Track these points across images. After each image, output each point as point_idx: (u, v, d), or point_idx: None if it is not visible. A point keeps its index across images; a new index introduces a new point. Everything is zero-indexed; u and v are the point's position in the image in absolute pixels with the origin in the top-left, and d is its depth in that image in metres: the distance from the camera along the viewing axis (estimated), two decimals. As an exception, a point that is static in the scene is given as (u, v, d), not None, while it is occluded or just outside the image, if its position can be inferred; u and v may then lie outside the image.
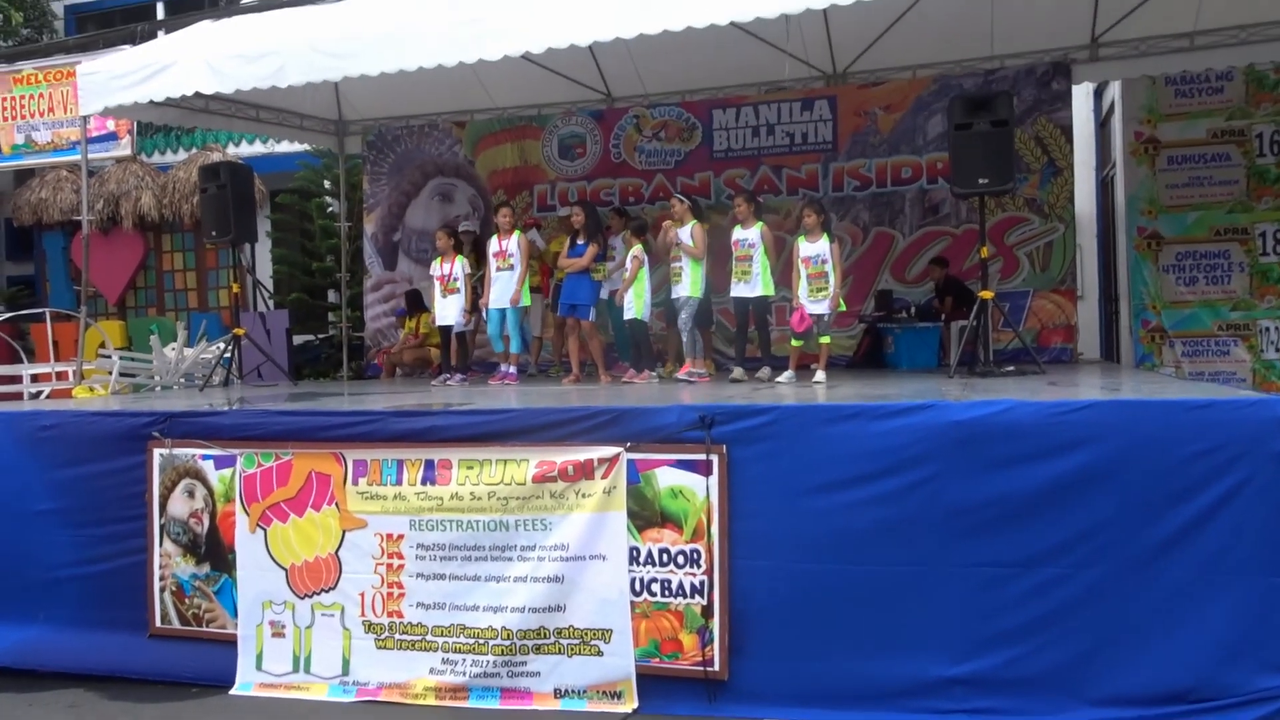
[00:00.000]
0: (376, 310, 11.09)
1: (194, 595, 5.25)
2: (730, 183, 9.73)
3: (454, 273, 8.20)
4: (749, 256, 7.12)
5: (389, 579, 4.90)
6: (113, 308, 14.33)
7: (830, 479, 4.35)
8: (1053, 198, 8.99)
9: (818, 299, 6.85)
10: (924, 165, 9.34)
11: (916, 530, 4.21)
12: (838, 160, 9.57)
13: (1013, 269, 9.02)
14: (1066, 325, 8.97)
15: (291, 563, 5.06)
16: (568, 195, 10.24)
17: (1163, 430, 4.02)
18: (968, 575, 4.16)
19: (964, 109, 6.70)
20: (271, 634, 5.06)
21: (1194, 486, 3.97)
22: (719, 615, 4.45)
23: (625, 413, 4.71)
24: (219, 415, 5.44)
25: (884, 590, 4.26)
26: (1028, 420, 4.15)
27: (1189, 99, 8.73)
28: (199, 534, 5.26)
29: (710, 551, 4.47)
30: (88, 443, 5.45)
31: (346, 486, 4.99)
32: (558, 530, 4.67)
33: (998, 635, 4.12)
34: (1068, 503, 4.07)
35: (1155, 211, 8.76)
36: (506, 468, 4.76)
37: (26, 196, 14.02)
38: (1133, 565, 4.02)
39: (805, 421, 4.45)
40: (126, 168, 13.73)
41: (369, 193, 11.18)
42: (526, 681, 4.66)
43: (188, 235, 14.13)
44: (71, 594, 5.40)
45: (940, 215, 9.32)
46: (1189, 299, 8.65)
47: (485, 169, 10.75)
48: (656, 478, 4.57)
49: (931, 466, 4.21)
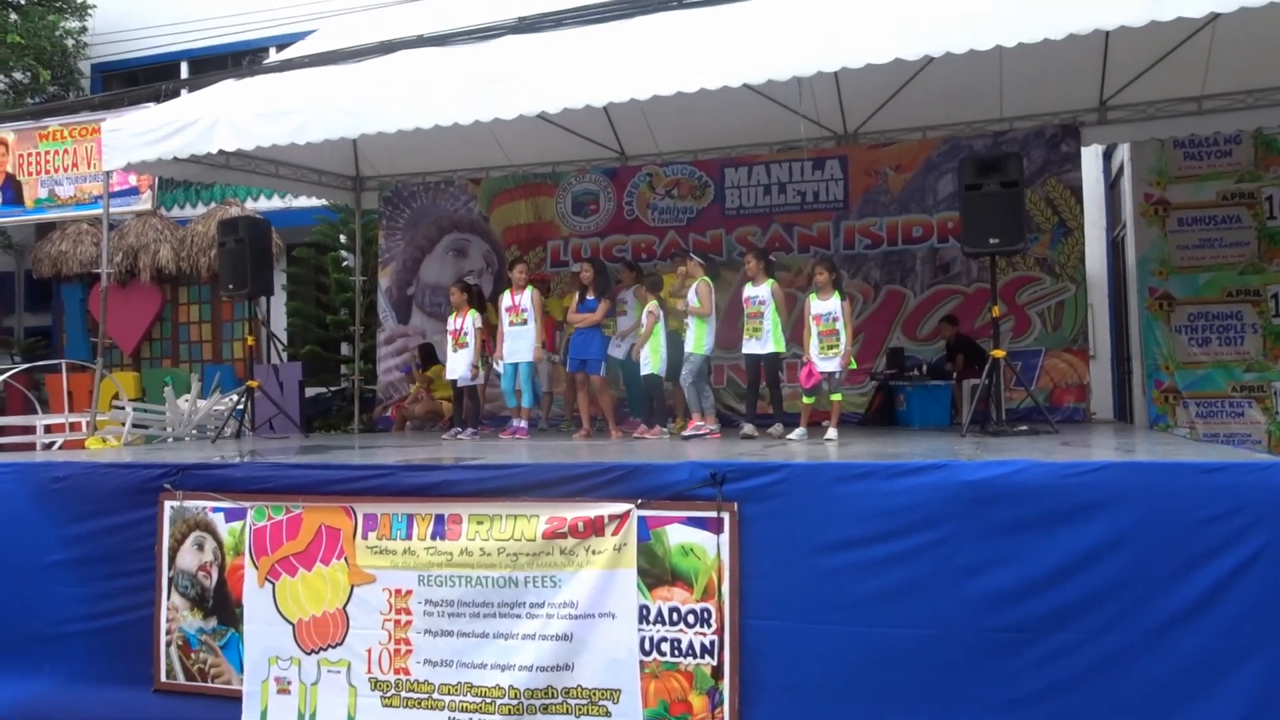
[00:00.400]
0: (389, 363, 11.14)
1: (200, 650, 5.21)
2: (742, 240, 9.80)
3: (464, 327, 8.26)
4: (759, 313, 7.15)
5: (396, 635, 4.86)
6: (128, 359, 14.45)
7: (842, 538, 4.31)
8: (1064, 257, 9.01)
9: (829, 356, 6.86)
10: (934, 224, 9.40)
11: (929, 592, 4.16)
12: (849, 218, 9.64)
13: (1024, 328, 9.02)
14: (1079, 385, 8.93)
15: (299, 618, 5.03)
16: (581, 251, 10.33)
17: (1177, 493, 3.98)
18: (981, 639, 4.10)
19: (974, 170, 6.76)
20: (277, 690, 5.01)
21: (1210, 552, 3.92)
22: (729, 676, 4.39)
23: (636, 469, 4.70)
24: (230, 468, 5.45)
25: (896, 653, 4.20)
26: (1041, 481, 4.12)
27: (1198, 161, 8.79)
28: (207, 587, 5.24)
29: (721, 611, 4.42)
30: (99, 495, 5.47)
31: (356, 541, 4.98)
32: (567, 587, 4.63)
33: (1012, 702, 4.05)
34: (1082, 567, 4.02)
35: (1166, 272, 8.77)
36: (517, 523, 4.74)
37: (47, 249, 14.23)
38: (1148, 633, 3.95)
39: (817, 480, 4.43)
40: (146, 221, 13.95)
41: (384, 247, 11.30)
42: (533, 743, 4.60)
43: (204, 288, 14.29)
44: (78, 647, 5.37)
45: (951, 274, 9.35)
46: (1202, 360, 8.61)
47: (500, 225, 10.87)
48: (667, 535, 4.54)
49: (944, 527, 4.17)
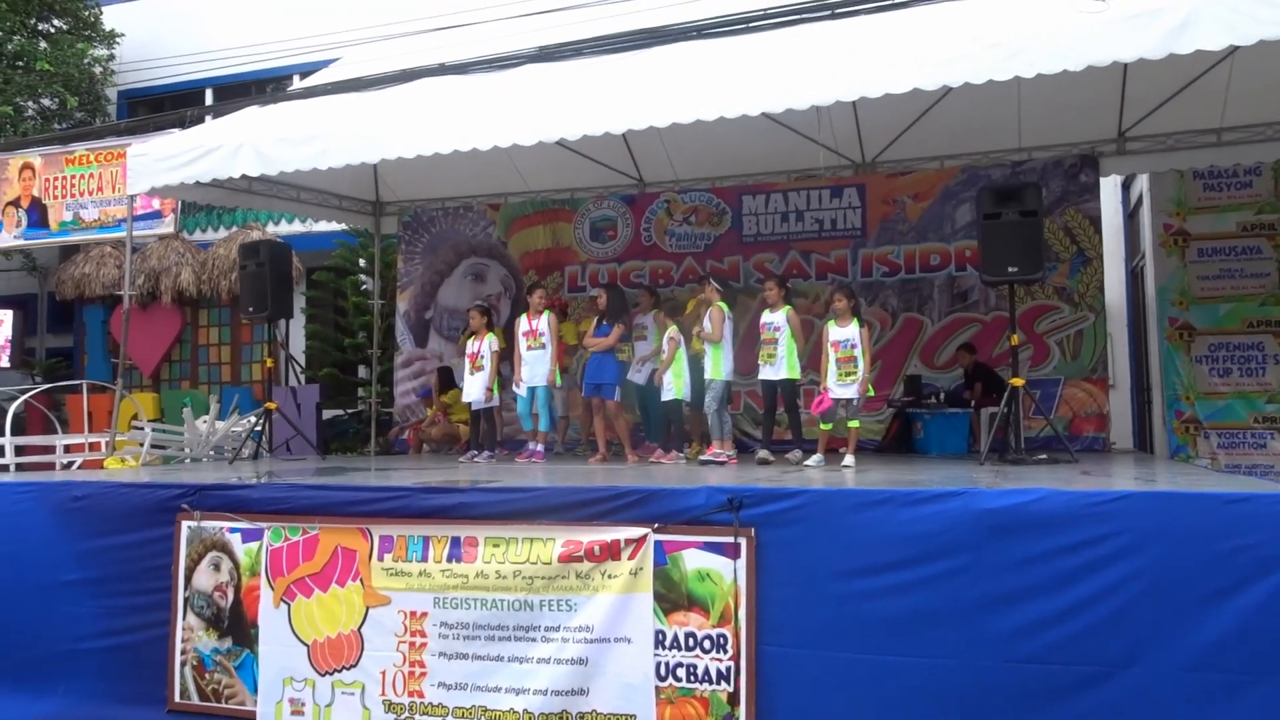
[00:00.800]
0: (406, 386, 11.18)
1: (215, 670, 5.21)
2: (759, 266, 9.82)
3: (481, 350, 8.29)
4: (774, 340, 7.16)
5: (411, 657, 4.85)
6: (147, 380, 14.56)
7: (860, 565, 4.29)
8: (1082, 287, 8.98)
9: (846, 383, 6.85)
10: (952, 253, 9.40)
11: (948, 620, 4.13)
12: (867, 246, 9.65)
13: (1043, 357, 8.98)
14: (1099, 414, 8.87)
15: (314, 639, 5.03)
16: (598, 276, 10.38)
17: (1200, 524, 3.94)
18: (1001, 669, 4.05)
19: (993, 199, 6.77)
20: (291, 711, 5.00)
21: (1234, 584, 3.87)
22: (745, 703, 4.35)
23: (653, 493, 4.69)
24: (247, 489, 5.47)
25: (914, 681, 4.15)
26: (1062, 510, 4.08)
27: (1218, 193, 8.77)
28: (223, 607, 5.24)
29: (737, 636, 4.39)
30: (117, 514, 5.49)
31: (372, 562, 4.98)
32: (583, 611, 4.61)
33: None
34: (1103, 597, 3.98)
35: (1186, 303, 8.73)
36: (533, 546, 4.73)
37: (70, 271, 14.39)
38: (1171, 666, 3.89)
39: (835, 506, 4.41)
40: (168, 244, 14.10)
41: (403, 271, 11.38)
42: (547, 768, 4.56)
43: (224, 310, 14.41)
44: (92, 666, 5.38)
45: (969, 302, 9.33)
46: (1223, 390, 8.54)
47: (518, 250, 10.93)
48: (684, 560, 4.53)
49: (963, 555, 4.14)
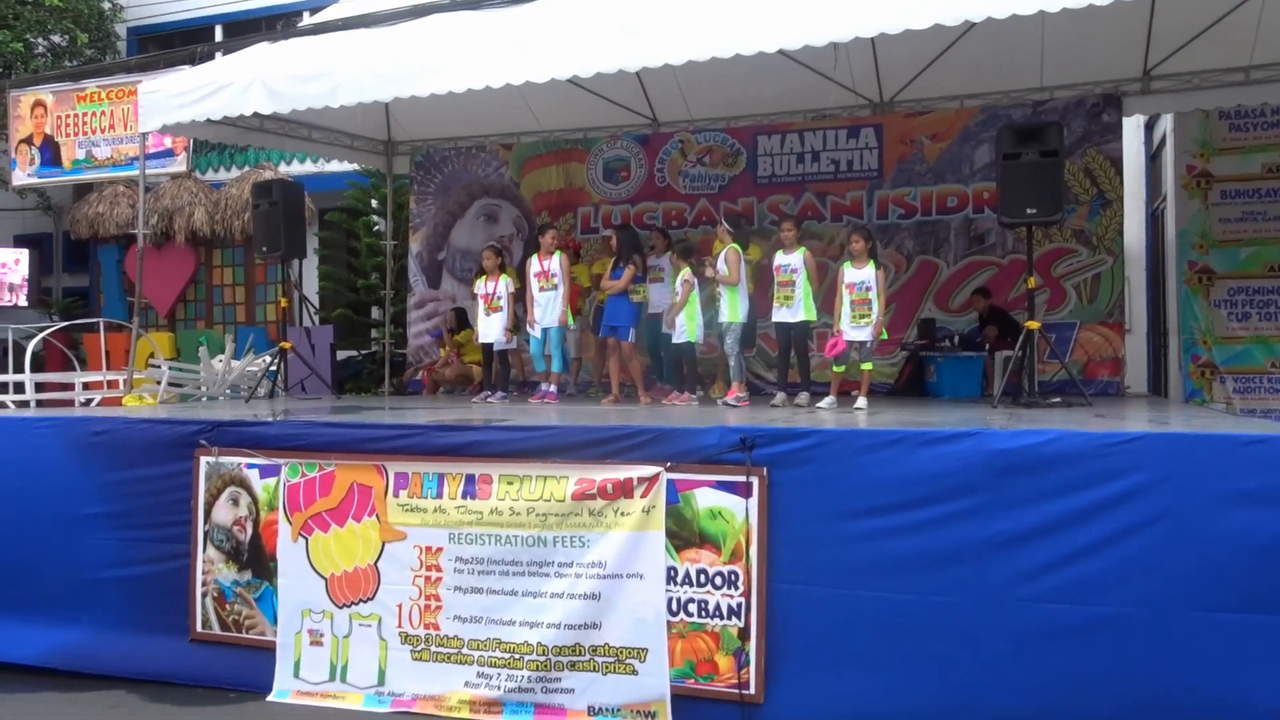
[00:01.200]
0: (419, 327, 11.21)
1: (235, 601, 5.31)
2: (774, 208, 9.73)
3: (497, 291, 8.28)
4: (791, 281, 7.11)
5: (427, 591, 4.93)
6: (163, 319, 14.64)
7: (871, 505, 4.31)
8: (1101, 230, 8.88)
9: (860, 325, 6.82)
10: (970, 194, 9.28)
11: (959, 560, 4.16)
12: (883, 188, 9.54)
13: (1059, 300, 8.91)
14: (1114, 358, 8.83)
15: (331, 572, 5.11)
16: (611, 218, 10.31)
17: (1215, 465, 3.94)
18: (1013, 609, 4.09)
19: (1013, 139, 6.66)
20: (310, 642, 5.11)
21: (1250, 527, 3.88)
22: (755, 638, 4.42)
23: (666, 433, 4.71)
24: (265, 425, 5.52)
25: (925, 620, 4.20)
26: (1075, 451, 4.09)
27: (1243, 133, 8.61)
28: (242, 541, 5.33)
29: (748, 574, 4.44)
30: (136, 449, 5.56)
31: (387, 498, 5.04)
32: (596, 548, 4.67)
33: (1040, 670, 4.04)
34: (1116, 538, 4.00)
35: (1207, 246, 8.62)
36: (546, 484, 4.78)
37: (84, 210, 14.40)
38: (1183, 605, 3.92)
39: (847, 446, 4.42)
40: (181, 184, 14.07)
41: (415, 212, 11.33)
42: (561, 698, 4.66)
43: (238, 250, 14.43)
44: (115, 597, 5.48)
45: (986, 245, 9.24)
46: (1241, 335, 8.48)
47: (530, 191, 10.86)
48: (696, 498, 4.56)
49: (975, 496, 4.16)
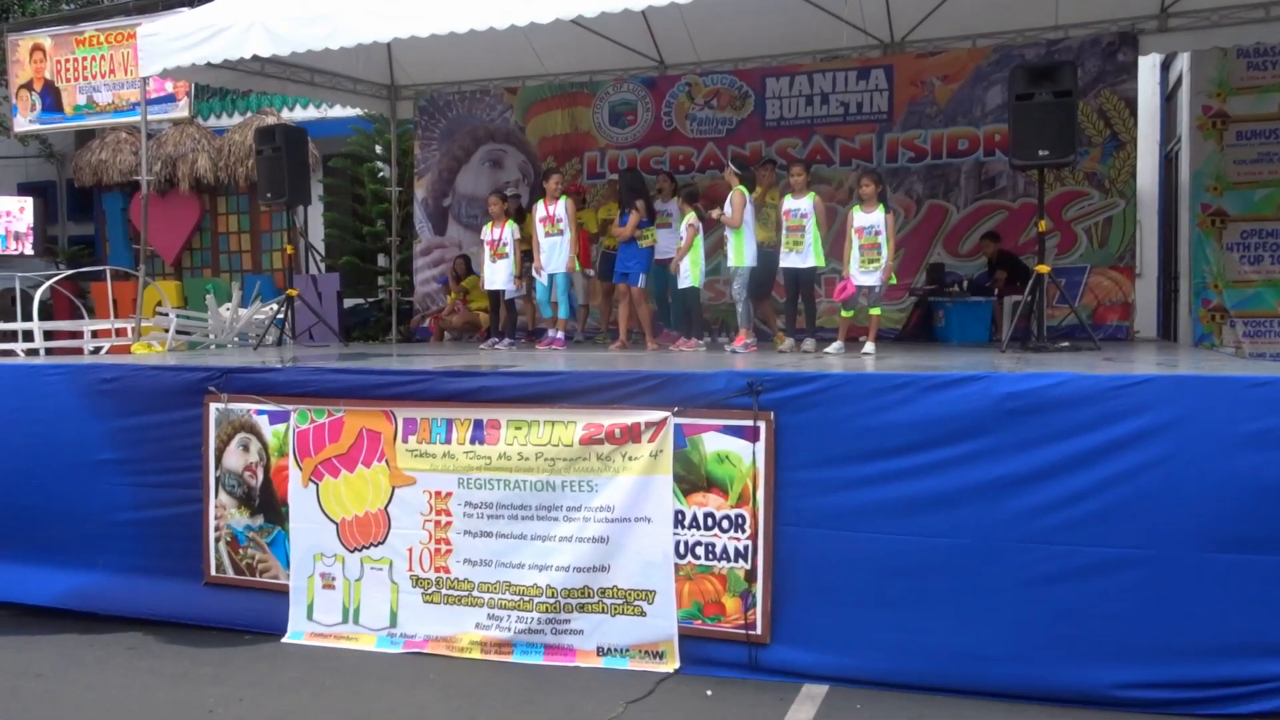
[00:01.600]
0: (426, 274, 11.18)
1: (248, 546, 5.38)
2: (783, 152, 9.62)
3: (503, 238, 8.24)
4: (801, 226, 7.05)
5: (437, 535, 4.98)
6: (169, 268, 14.64)
7: (878, 448, 4.32)
8: (1114, 172, 8.77)
9: (869, 270, 6.77)
10: (981, 137, 9.16)
11: (966, 502, 4.18)
12: (892, 131, 9.41)
13: (1070, 244, 8.84)
14: (1124, 303, 8.78)
15: (342, 517, 5.16)
16: (618, 162, 10.21)
17: (1223, 407, 3.93)
18: (1017, 550, 4.12)
19: (1026, 79, 6.55)
20: (322, 585, 5.18)
21: (1256, 468, 3.88)
22: (762, 580, 4.46)
23: (673, 377, 4.72)
24: (273, 372, 5.54)
25: (930, 561, 4.24)
26: (1083, 393, 4.08)
27: (1262, 72, 8.45)
28: (253, 487, 5.38)
29: (755, 517, 4.48)
30: (147, 396, 5.59)
31: (396, 444, 5.07)
32: (604, 492, 4.70)
33: (1047, 611, 4.07)
34: (1124, 480, 4.00)
35: (1221, 188, 8.52)
36: (554, 429, 4.79)
37: (87, 158, 14.33)
38: (1190, 548, 3.93)
39: (854, 391, 4.42)
40: (184, 130, 13.97)
41: (420, 158, 11.24)
42: (570, 639, 4.72)
43: (242, 198, 14.37)
44: (131, 542, 5.56)
45: (996, 188, 9.14)
46: (1252, 278, 8.41)
47: (536, 135, 10.75)
48: (703, 442, 4.58)
49: (983, 438, 4.16)
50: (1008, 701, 4.09)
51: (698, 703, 4.26)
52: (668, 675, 4.52)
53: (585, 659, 4.69)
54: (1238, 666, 3.90)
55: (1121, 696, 3.98)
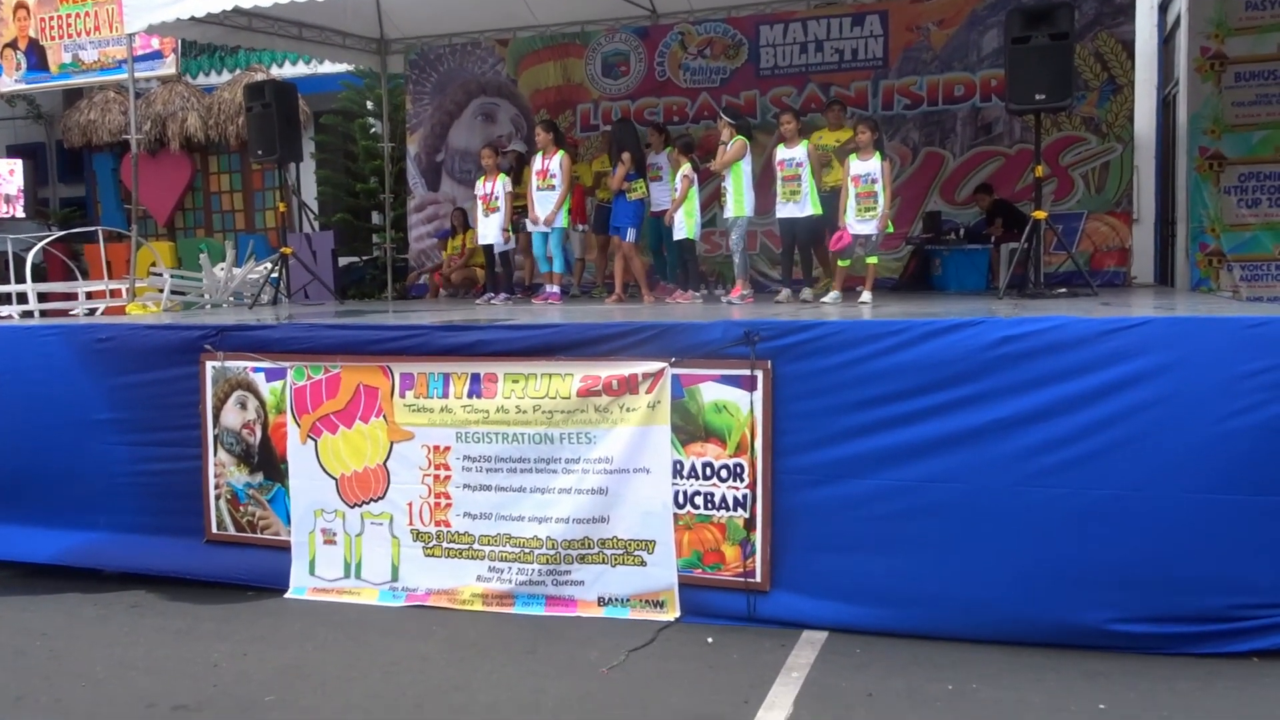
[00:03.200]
0: (420, 231, 11.12)
1: (248, 503, 5.40)
2: (777, 101, 9.53)
3: (494, 191, 8.18)
4: (797, 176, 7.01)
5: (436, 490, 5.00)
6: (162, 229, 14.55)
7: (875, 395, 4.32)
8: (1111, 116, 8.71)
9: (866, 219, 6.74)
10: (977, 83, 9.07)
11: (963, 446, 4.18)
12: (888, 78, 9.32)
13: (1067, 190, 8.80)
14: (1121, 248, 8.77)
15: (341, 473, 5.17)
16: (611, 114, 10.11)
17: (1220, 347, 3.92)
18: (1015, 493, 4.13)
19: (1022, 21, 6.48)
20: (323, 541, 5.20)
21: (1252, 409, 3.88)
22: (761, 528, 4.49)
23: (670, 328, 4.71)
24: (269, 329, 5.52)
25: (927, 506, 4.25)
26: (1079, 336, 4.07)
27: (1261, 11, 8.33)
28: (252, 444, 5.38)
29: (753, 465, 4.49)
30: (143, 355, 5.57)
31: (394, 399, 5.07)
32: (602, 443, 4.71)
33: (1045, 553, 4.10)
34: (1121, 421, 4.00)
35: (1219, 131, 8.44)
36: (551, 382, 4.79)
37: (75, 118, 14.18)
38: (1188, 488, 3.94)
39: (851, 338, 4.40)
40: (172, 89, 13.81)
41: (412, 113, 11.13)
42: (571, 590, 4.76)
43: (234, 157, 14.24)
44: (130, 500, 5.57)
45: (993, 135, 9.08)
46: (1250, 222, 8.37)
47: (528, 88, 10.64)
48: (701, 392, 4.58)
49: (979, 382, 4.15)
50: (1005, 645, 4.13)
51: (699, 649, 4.30)
52: (668, 624, 4.56)
53: (586, 609, 4.73)
54: (1234, 606, 3.93)
55: (1118, 631, 4.01)
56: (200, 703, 3.89)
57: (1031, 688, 3.79)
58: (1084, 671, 3.90)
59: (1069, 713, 3.59)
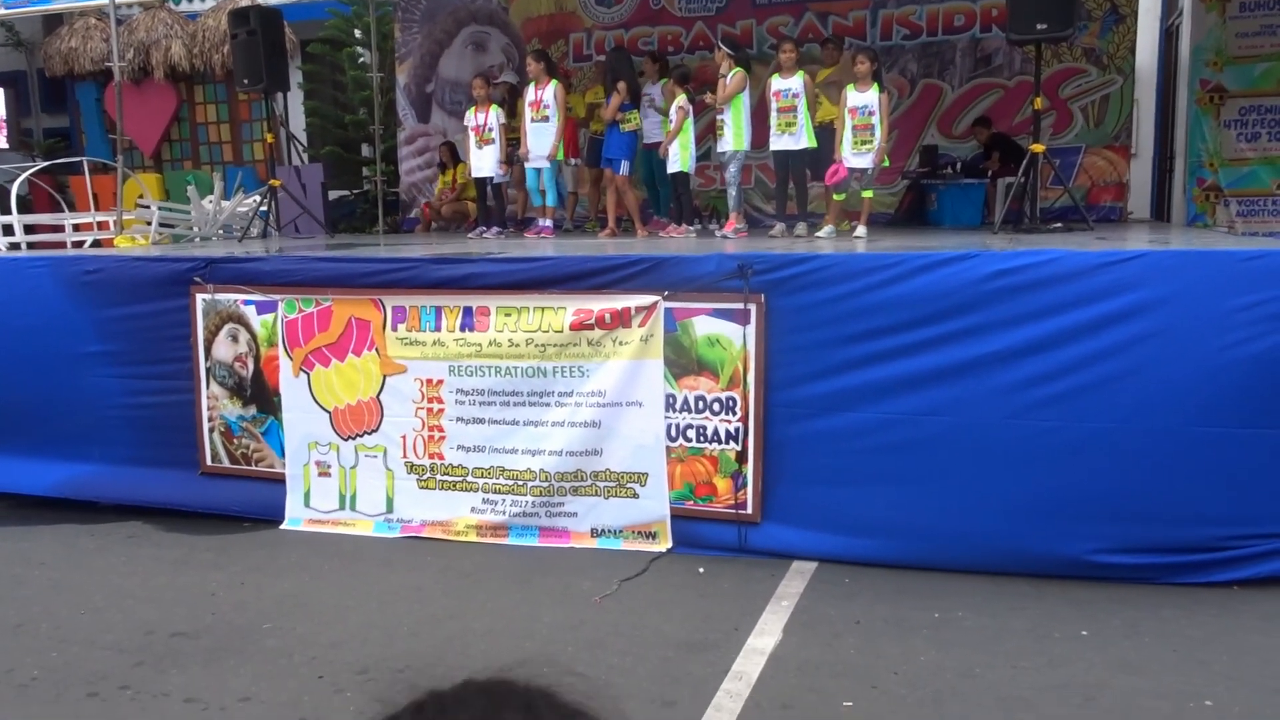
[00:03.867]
0: (411, 164, 10.98)
1: (242, 436, 5.41)
2: (774, 30, 9.35)
3: (489, 123, 8.04)
4: (793, 107, 6.89)
5: (429, 423, 5.01)
6: (148, 160, 14.32)
7: (869, 328, 4.32)
8: (1113, 48, 8.57)
9: (862, 152, 6.65)
10: (978, 12, 8.91)
11: (956, 378, 4.19)
12: (887, 6, 9.14)
13: (1065, 123, 8.70)
14: (1118, 183, 8.71)
15: (335, 406, 5.18)
16: (605, 44, 9.92)
17: (1214, 281, 3.92)
18: (1009, 425, 4.15)
19: (1025, -52, 6.32)
20: (318, 473, 5.23)
21: (1245, 339, 3.89)
22: (753, 461, 4.52)
23: (663, 261, 4.68)
24: (259, 261, 5.48)
25: (918, 439, 4.28)
26: (1073, 269, 4.06)
27: (1268, -61, 8.17)
28: (244, 377, 5.38)
29: (746, 399, 4.50)
30: (132, 287, 5.53)
31: (386, 332, 5.05)
32: (595, 377, 4.71)
33: (1038, 486, 4.13)
34: (1115, 354, 4.02)
35: (1221, 63, 8.32)
36: (544, 315, 4.78)
37: (56, 46, 13.85)
38: (1180, 420, 3.97)
39: (844, 271, 4.39)
40: (155, 15, 13.48)
41: (400, 42, 10.90)
42: (564, 521, 4.81)
43: (220, 87, 13.97)
44: (124, 432, 5.58)
45: (993, 66, 8.94)
46: (1249, 156, 8.30)
47: (519, 16, 10.41)
48: (694, 326, 4.57)
49: (974, 314, 4.16)
50: (993, 575, 4.20)
51: (691, 579, 4.36)
52: (660, 555, 4.62)
53: (579, 540, 4.78)
54: (1218, 536, 4.00)
55: (1105, 562, 4.08)
56: (198, 630, 3.94)
57: (1016, 615, 3.86)
58: (1069, 599, 3.97)
59: (1051, 639, 3.66)
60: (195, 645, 3.82)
